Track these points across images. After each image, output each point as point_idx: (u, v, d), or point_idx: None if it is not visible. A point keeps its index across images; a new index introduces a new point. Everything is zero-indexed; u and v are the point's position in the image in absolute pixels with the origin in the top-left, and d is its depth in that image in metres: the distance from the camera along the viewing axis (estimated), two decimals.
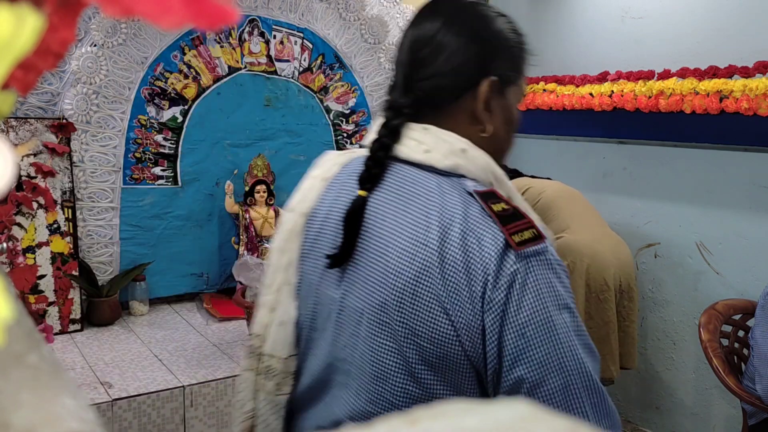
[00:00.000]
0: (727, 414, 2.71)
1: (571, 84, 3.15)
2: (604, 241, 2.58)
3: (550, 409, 0.35)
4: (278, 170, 3.10)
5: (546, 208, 2.58)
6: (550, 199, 2.67)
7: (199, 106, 2.95)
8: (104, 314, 2.69)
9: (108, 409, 2.07)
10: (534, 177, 3.00)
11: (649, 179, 2.94)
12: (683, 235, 2.82)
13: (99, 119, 2.73)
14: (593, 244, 2.50)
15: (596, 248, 2.50)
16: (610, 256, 2.52)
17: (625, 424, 3.11)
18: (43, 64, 0.36)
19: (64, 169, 2.63)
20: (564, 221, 2.56)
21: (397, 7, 3.38)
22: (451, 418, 0.34)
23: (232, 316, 2.82)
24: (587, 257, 2.44)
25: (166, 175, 2.91)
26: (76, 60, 2.64)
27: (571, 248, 2.44)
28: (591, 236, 2.54)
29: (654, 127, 2.83)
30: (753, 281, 2.59)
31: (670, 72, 2.75)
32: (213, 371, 2.30)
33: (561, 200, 2.65)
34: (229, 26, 2.83)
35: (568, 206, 2.65)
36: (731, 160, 2.63)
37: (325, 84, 3.24)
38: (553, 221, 2.53)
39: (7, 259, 2.48)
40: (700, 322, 2.37)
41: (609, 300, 2.47)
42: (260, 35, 3.07)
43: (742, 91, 2.47)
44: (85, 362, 2.35)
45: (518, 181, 2.91)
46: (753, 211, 2.58)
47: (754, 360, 2.18)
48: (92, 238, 2.76)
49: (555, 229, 2.49)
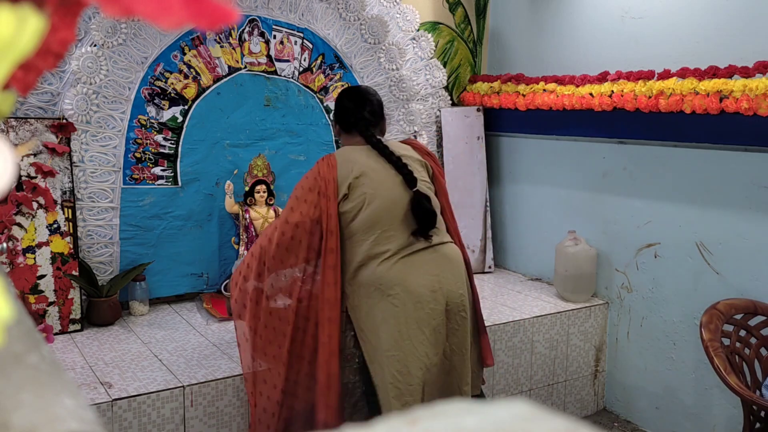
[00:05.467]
0: (727, 414, 2.71)
1: (571, 84, 3.15)
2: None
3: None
4: (278, 170, 3.10)
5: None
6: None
7: (199, 106, 2.95)
8: (104, 314, 2.69)
9: (108, 409, 2.07)
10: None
11: (649, 179, 2.94)
12: (683, 235, 2.82)
13: (99, 119, 2.73)
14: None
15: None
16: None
17: (625, 424, 3.11)
18: (44, 64, 0.36)
19: (64, 169, 2.63)
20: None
21: (397, 7, 3.38)
22: (451, 417, 0.34)
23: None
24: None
25: (166, 175, 2.91)
26: (76, 60, 2.64)
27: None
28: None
29: (654, 127, 2.83)
30: (753, 281, 2.59)
31: (670, 72, 2.75)
32: (213, 371, 2.30)
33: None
34: (229, 26, 2.83)
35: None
36: (731, 160, 2.63)
37: (325, 84, 3.24)
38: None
39: (7, 259, 2.48)
40: (701, 322, 2.37)
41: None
42: (260, 35, 3.07)
43: (742, 91, 2.47)
44: (85, 362, 2.35)
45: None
46: (753, 211, 2.58)
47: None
48: (92, 238, 2.76)
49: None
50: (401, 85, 3.35)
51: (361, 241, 2.07)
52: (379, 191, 2.08)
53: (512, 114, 3.50)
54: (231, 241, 3.04)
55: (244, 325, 2.17)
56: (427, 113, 3.50)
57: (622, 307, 3.12)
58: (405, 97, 3.37)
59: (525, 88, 3.40)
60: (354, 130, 2.19)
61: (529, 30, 3.56)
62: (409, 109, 3.38)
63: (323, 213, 2.05)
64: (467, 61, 3.79)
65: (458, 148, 3.59)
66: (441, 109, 3.57)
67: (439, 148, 3.57)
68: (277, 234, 2.09)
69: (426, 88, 3.50)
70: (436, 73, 3.52)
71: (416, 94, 3.40)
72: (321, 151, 3.24)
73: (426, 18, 3.59)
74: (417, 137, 3.41)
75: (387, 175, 2.10)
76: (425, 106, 3.49)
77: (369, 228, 2.06)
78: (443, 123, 3.56)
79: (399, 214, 2.08)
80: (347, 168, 2.09)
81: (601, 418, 3.19)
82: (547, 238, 3.39)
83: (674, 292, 2.89)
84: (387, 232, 2.07)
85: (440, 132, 3.57)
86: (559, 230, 3.30)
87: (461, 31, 3.75)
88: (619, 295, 3.13)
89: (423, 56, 3.47)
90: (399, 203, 2.09)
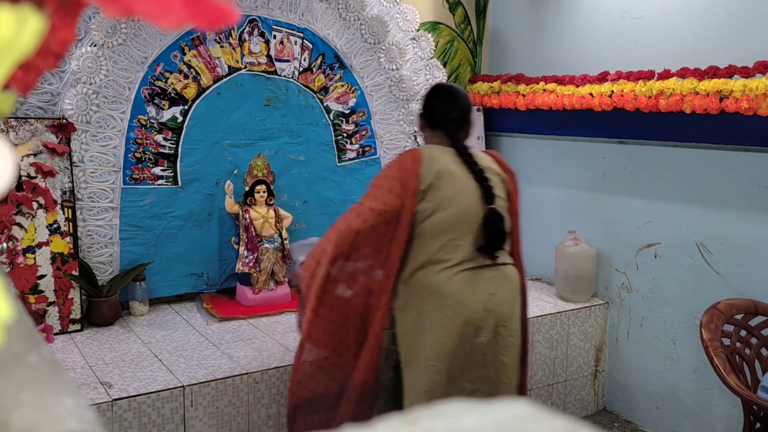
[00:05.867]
0: (727, 414, 2.71)
1: (571, 84, 3.15)
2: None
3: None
4: (278, 170, 3.10)
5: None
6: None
7: (199, 106, 2.95)
8: (104, 314, 2.69)
9: (108, 409, 2.07)
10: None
11: (649, 179, 2.94)
12: (683, 235, 2.82)
13: (99, 119, 2.73)
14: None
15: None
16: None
17: (625, 424, 3.11)
18: (44, 64, 0.36)
19: (64, 169, 2.63)
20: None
21: (397, 7, 3.38)
22: (451, 417, 0.34)
23: (232, 316, 2.82)
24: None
25: (166, 175, 2.91)
26: (76, 60, 2.64)
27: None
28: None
29: (654, 127, 2.83)
30: (753, 281, 2.59)
31: (670, 72, 2.75)
32: (213, 371, 2.30)
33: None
34: (229, 26, 2.83)
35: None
36: (731, 160, 2.63)
37: (325, 84, 3.24)
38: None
39: (7, 259, 2.48)
40: (701, 322, 2.36)
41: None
42: (260, 35, 3.07)
43: (742, 91, 2.47)
44: (85, 362, 2.35)
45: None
46: (753, 211, 2.58)
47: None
48: (92, 238, 2.76)
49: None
50: (401, 85, 3.35)
51: (428, 244, 2.02)
52: (456, 198, 2.03)
53: (512, 114, 3.50)
54: (231, 241, 3.04)
55: (307, 310, 2.11)
56: None
57: (622, 307, 3.12)
58: (405, 97, 3.37)
59: (525, 88, 3.40)
60: (439, 128, 2.14)
61: (529, 30, 3.56)
62: (409, 109, 3.38)
63: (401, 204, 2.01)
64: (467, 61, 3.79)
65: None
66: None
67: None
68: (359, 221, 2.03)
69: (426, 89, 3.49)
70: (436, 73, 3.52)
71: (416, 94, 3.40)
72: (321, 151, 3.24)
73: (426, 18, 3.59)
74: (417, 137, 3.41)
75: (467, 184, 2.05)
76: None
77: (439, 232, 2.02)
78: None
79: (471, 225, 2.03)
80: (430, 166, 2.03)
81: (601, 418, 3.19)
82: (547, 238, 3.39)
83: (674, 292, 2.89)
84: (455, 240, 2.02)
85: None
86: (559, 230, 3.30)
87: (461, 31, 3.75)
88: (619, 295, 3.13)
89: (423, 56, 3.47)
90: (473, 215, 2.04)
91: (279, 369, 2.36)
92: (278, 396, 2.36)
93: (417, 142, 3.40)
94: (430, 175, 2.02)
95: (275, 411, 2.36)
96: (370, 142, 3.36)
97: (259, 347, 2.51)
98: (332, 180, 3.28)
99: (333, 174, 3.28)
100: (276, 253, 2.99)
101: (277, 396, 2.36)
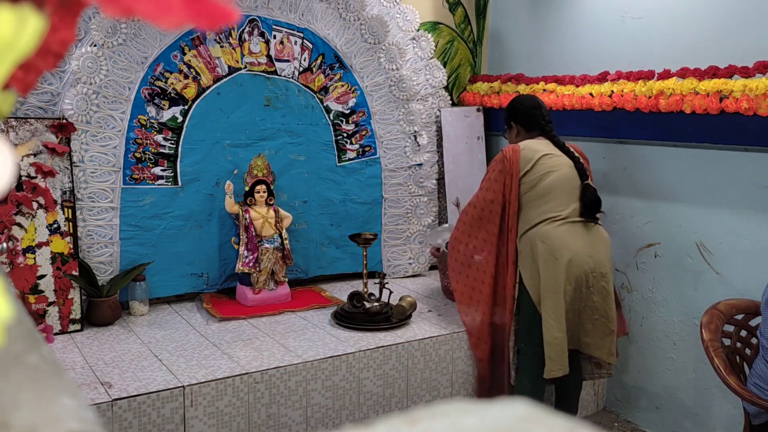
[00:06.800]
0: (727, 414, 2.71)
1: (571, 84, 3.15)
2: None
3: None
4: (278, 170, 3.10)
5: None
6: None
7: (199, 106, 2.95)
8: (104, 314, 2.69)
9: (108, 409, 2.07)
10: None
11: (649, 179, 2.94)
12: (683, 235, 2.82)
13: (99, 119, 2.73)
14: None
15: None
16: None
17: (625, 424, 3.11)
18: (44, 64, 0.36)
19: (64, 169, 2.63)
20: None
21: (397, 7, 3.38)
22: (451, 417, 0.34)
23: (232, 316, 2.82)
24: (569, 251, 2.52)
25: (166, 175, 2.91)
26: (76, 60, 2.64)
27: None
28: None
29: (654, 127, 2.83)
30: (753, 281, 2.59)
31: (670, 72, 2.75)
32: (213, 371, 2.30)
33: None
34: (229, 26, 2.83)
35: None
36: (731, 160, 2.63)
37: (325, 84, 3.24)
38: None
39: (7, 259, 2.48)
40: (701, 322, 2.36)
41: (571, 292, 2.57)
42: (260, 35, 3.07)
43: (742, 91, 2.47)
44: (85, 362, 2.35)
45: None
46: (753, 211, 2.58)
47: (764, 359, 2.16)
48: (92, 238, 2.76)
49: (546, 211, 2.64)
50: (401, 85, 3.35)
51: (536, 206, 2.56)
52: (557, 168, 2.58)
53: None
54: (231, 241, 3.04)
55: (455, 274, 2.81)
56: (427, 113, 3.50)
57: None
58: (405, 97, 3.37)
59: (525, 88, 3.40)
60: (535, 129, 2.71)
61: (529, 30, 3.56)
62: (409, 109, 3.38)
63: (506, 187, 2.60)
64: (467, 61, 3.79)
65: (458, 148, 3.59)
66: (441, 109, 3.57)
67: (439, 148, 3.57)
68: (472, 208, 2.73)
69: (426, 88, 3.50)
70: (436, 73, 3.52)
71: (416, 94, 3.40)
72: (321, 151, 3.24)
73: (426, 18, 3.59)
74: (417, 137, 3.41)
75: (563, 161, 2.60)
76: (425, 106, 3.49)
77: (544, 195, 2.55)
78: (443, 123, 3.56)
79: (571, 190, 2.57)
80: (531, 152, 2.60)
81: (601, 418, 3.19)
82: None
83: (674, 292, 2.89)
84: (558, 201, 2.55)
85: (440, 132, 3.57)
86: None
87: (461, 31, 3.75)
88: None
89: (423, 56, 3.47)
90: (572, 182, 2.58)
91: (279, 369, 2.36)
92: (278, 396, 2.36)
93: (417, 142, 3.40)
94: (534, 158, 2.57)
95: (275, 411, 2.36)
96: (370, 142, 3.36)
97: (259, 347, 2.51)
98: (332, 180, 3.28)
99: (333, 174, 3.28)
100: (276, 253, 2.99)
101: (277, 396, 2.36)
